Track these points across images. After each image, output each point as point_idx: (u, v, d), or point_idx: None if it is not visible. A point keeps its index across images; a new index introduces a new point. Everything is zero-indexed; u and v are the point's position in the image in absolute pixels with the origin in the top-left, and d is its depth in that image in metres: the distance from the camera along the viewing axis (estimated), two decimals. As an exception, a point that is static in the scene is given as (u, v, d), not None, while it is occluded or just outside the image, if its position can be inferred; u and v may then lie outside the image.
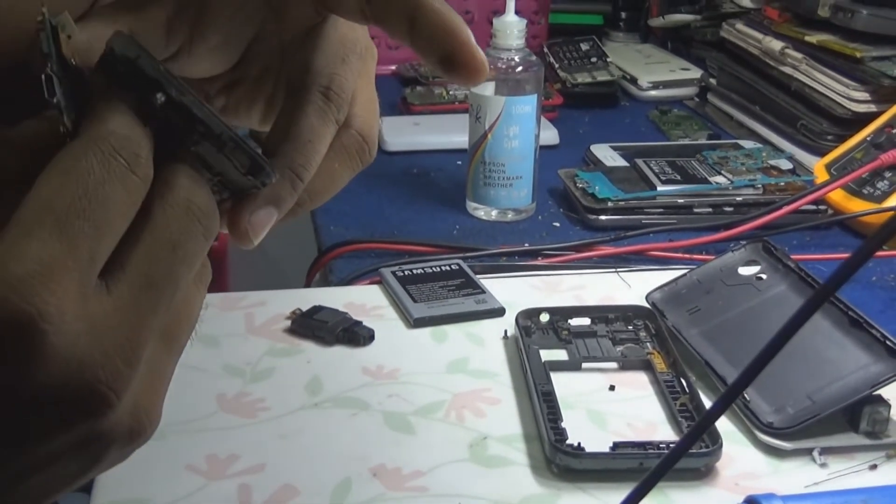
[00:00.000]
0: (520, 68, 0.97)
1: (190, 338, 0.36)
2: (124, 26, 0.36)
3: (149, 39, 0.36)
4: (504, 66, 0.97)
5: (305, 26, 0.41)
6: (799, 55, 1.15)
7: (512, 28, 0.97)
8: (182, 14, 0.37)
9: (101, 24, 0.36)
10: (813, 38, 1.13)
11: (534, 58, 0.99)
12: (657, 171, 1.03)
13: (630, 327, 0.76)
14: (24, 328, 0.29)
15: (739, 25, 1.28)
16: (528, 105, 0.97)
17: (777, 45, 1.18)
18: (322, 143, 0.39)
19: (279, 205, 0.38)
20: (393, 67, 1.45)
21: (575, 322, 0.76)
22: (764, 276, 0.77)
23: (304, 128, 0.39)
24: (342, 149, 0.41)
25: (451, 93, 1.29)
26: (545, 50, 1.41)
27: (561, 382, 0.69)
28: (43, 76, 0.33)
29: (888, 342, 0.65)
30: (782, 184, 1.00)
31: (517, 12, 0.99)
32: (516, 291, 0.83)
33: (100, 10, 0.36)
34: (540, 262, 0.90)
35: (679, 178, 1.01)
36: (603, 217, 0.97)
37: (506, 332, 0.77)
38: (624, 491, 0.59)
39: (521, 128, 0.97)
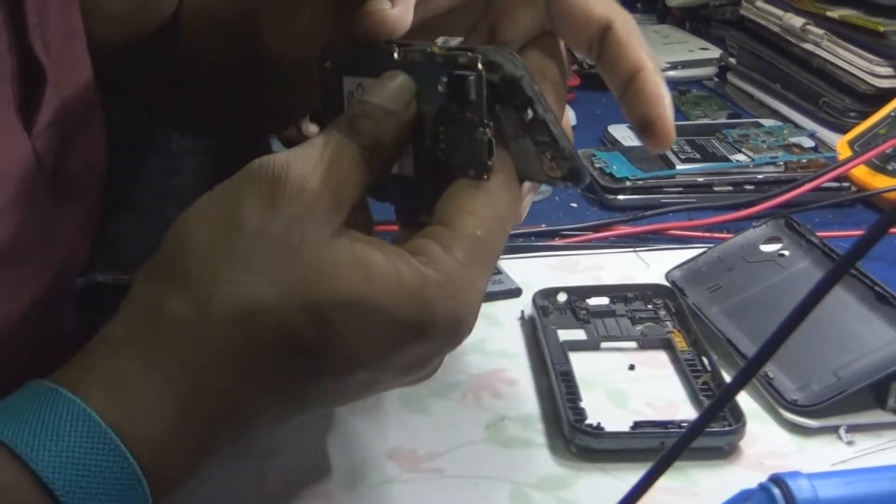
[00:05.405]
0: (535, 47, 0.95)
1: None
2: None
3: None
4: (519, 45, 0.95)
5: None
6: (820, 31, 1.13)
7: (526, 6, 0.95)
8: None
9: None
10: (835, 12, 1.11)
11: (549, 36, 0.97)
12: (676, 149, 1.01)
13: (650, 306, 0.74)
14: (464, 334, 0.43)
15: (759, 3, 1.25)
16: (543, 84, 0.95)
17: (798, 21, 1.16)
18: None
19: None
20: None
21: (593, 301, 0.75)
22: (786, 253, 0.75)
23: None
24: None
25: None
26: (561, 31, 1.39)
27: (580, 362, 0.67)
28: (486, 138, 0.39)
29: (916, 317, 0.63)
30: (804, 161, 0.98)
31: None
32: (533, 272, 0.81)
33: None
34: (557, 242, 0.89)
35: (698, 156, 1.00)
36: (621, 197, 0.96)
37: (523, 312, 0.75)
38: (645, 471, 0.58)
39: (537, 107, 0.95)
